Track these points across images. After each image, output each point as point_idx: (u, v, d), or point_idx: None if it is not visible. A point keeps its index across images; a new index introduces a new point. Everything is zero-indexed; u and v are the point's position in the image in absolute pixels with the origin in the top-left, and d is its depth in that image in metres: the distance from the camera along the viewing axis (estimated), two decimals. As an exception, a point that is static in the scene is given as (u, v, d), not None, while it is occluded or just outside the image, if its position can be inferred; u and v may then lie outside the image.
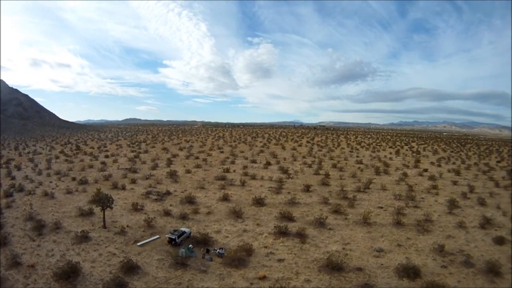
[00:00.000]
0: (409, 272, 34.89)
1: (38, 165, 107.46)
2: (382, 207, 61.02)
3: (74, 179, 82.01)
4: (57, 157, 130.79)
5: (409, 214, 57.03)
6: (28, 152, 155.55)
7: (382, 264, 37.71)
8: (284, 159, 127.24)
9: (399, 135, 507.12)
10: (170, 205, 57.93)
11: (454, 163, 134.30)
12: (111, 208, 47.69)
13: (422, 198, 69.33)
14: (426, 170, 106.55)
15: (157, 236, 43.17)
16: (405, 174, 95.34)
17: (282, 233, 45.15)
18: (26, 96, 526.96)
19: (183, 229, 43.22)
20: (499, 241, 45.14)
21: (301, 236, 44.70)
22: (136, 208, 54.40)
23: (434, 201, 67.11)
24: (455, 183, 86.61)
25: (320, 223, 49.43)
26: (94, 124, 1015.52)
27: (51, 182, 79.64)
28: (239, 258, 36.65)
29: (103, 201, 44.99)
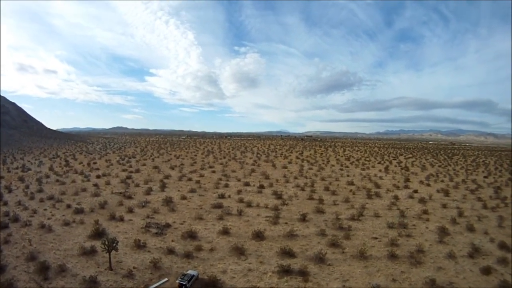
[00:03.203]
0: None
1: (30, 186, 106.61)
2: (376, 238, 63.38)
3: (69, 206, 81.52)
4: (47, 176, 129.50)
5: (402, 244, 59.55)
6: (17, 168, 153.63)
7: (381, 304, 39.72)
8: (277, 180, 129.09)
9: (386, 146, 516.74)
10: (172, 241, 58.65)
11: (442, 181, 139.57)
12: (116, 250, 48.25)
13: (414, 225, 72.26)
14: (416, 191, 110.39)
15: (166, 279, 43.98)
16: (396, 197, 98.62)
17: (285, 271, 46.68)
18: (13, 104, 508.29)
19: (191, 272, 44.21)
20: (486, 271, 48.09)
21: (304, 274, 46.43)
22: (139, 245, 54.91)
23: (425, 228, 70.18)
24: (444, 206, 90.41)
25: (320, 259, 51.23)
26: (81, 133, 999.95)
27: (45, 209, 79.04)
28: (248, 303, 38.02)
29: (109, 244, 45.61)
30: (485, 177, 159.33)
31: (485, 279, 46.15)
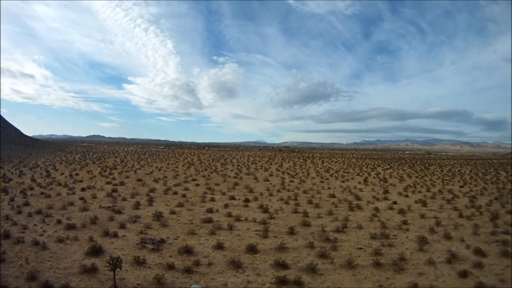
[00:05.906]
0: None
1: (15, 199, 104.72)
2: (361, 248, 68.12)
3: (59, 221, 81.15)
4: (31, 188, 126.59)
5: (385, 253, 64.46)
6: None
7: (370, 311, 43.86)
8: (261, 194, 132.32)
9: (364, 157, 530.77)
10: (170, 256, 60.68)
11: (420, 192, 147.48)
12: (121, 268, 49.87)
13: (395, 235, 77.51)
14: (395, 203, 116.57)
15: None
16: (376, 209, 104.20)
17: (282, 282, 50.14)
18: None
19: (194, 286, 46.70)
20: (463, 274, 53.37)
21: (299, 283, 50.11)
22: (138, 261, 56.57)
23: (406, 238, 75.74)
24: (422, 216, 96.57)
25: (312, 270, 55.15)
26: (58, 141, 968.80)
27: (35, 225, 78.36)
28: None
29: (114, 263, 47.36)
30: (460, 186, 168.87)
31: (463, 281, 51.21)
